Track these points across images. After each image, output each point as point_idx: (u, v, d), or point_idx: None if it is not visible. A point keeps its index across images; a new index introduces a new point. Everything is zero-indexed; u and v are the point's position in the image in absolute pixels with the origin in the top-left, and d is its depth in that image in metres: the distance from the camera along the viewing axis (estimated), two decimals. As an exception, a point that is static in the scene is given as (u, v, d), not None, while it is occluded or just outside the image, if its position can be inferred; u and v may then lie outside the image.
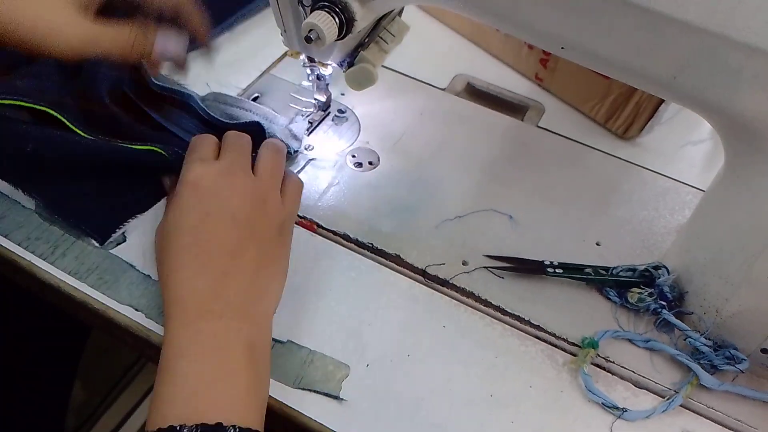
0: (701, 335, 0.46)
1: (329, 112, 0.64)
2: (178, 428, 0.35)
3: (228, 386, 0.38)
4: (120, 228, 0.51)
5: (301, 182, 0.52)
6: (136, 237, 0.52)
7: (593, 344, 0.47)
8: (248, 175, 0.47)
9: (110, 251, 0.51)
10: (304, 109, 0.63)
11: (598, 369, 0.47)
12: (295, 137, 0.59)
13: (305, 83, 0.61)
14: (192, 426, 0.35)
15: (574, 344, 0.48)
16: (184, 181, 0.46)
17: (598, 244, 0.55)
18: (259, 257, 0.44)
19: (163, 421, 0.36)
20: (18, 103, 0.48)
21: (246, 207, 0.45)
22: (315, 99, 0.62)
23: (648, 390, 0.46)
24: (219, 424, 0.36)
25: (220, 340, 0.40)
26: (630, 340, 0.48)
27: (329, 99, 0.62)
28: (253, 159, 0.50)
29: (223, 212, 0.44)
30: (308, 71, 0.58)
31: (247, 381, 0.39)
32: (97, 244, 0.51)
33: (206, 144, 0.49)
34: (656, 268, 0.51)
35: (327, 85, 0.60)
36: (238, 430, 0.36)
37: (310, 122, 0.62)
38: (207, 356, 0.39)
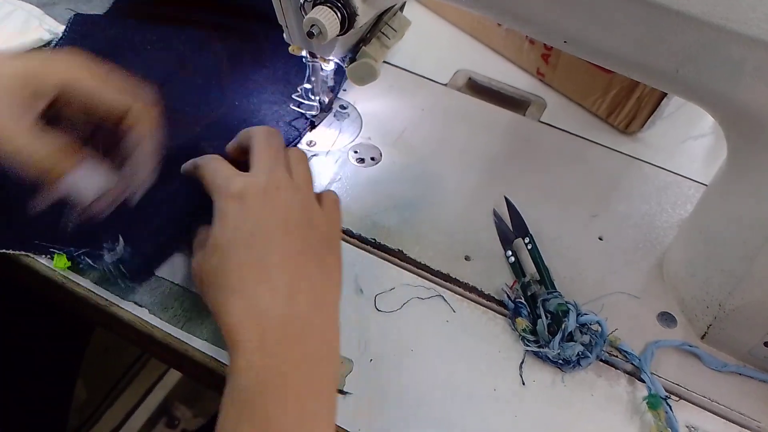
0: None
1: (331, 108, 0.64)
2: None
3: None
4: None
5: (338, 196, 0.48)
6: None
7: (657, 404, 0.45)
8: (291, 185, 0.44)
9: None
10: (304, 104, 0.62)
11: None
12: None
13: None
14: None
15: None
16: (228, 196, 0.42)
17: (600, 239, 0.55)
18: (319, 269, 0.41)
19: None
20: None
21: (295, 217, 0.42)
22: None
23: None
24: None
25: (304, 372, 0.36)
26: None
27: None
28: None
29: (276, 223, 0.41)
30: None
31: (327, 426, 0.36)
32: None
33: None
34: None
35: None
36: None
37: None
38: (290, 394, 0.34)
